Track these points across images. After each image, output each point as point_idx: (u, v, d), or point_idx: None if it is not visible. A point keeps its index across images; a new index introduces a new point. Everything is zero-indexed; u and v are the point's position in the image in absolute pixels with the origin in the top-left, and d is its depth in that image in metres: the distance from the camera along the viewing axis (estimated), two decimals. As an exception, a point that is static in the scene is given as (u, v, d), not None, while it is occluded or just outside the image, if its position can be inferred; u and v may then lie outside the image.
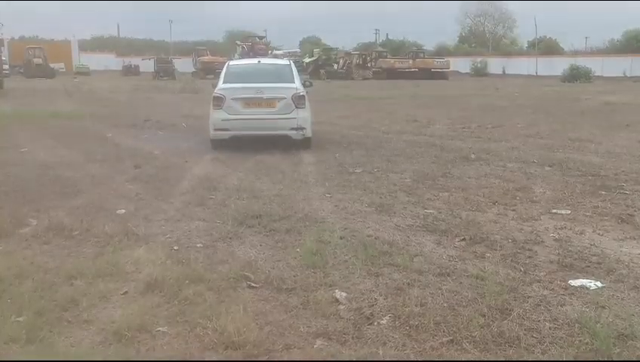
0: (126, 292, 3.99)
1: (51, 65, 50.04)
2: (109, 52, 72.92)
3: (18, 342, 3.25)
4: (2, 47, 29.76)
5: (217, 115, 9.84)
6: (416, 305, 3.71)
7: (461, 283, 4.11)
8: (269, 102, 9.91)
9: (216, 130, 9.90)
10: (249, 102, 9.85)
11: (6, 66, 37.09)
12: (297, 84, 10.27)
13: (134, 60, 61.63)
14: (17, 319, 3.52)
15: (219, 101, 9.82)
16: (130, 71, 56.74)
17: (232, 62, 11.72)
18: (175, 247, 4.93)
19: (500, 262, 4.56)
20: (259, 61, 12.39)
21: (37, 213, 5.97)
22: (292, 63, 11.44)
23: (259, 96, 9.88)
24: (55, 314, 3.62)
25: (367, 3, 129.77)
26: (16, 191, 6.98)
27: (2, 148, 10.37)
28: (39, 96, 24.14)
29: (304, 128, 9.89)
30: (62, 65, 57.19)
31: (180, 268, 4.36)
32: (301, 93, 9.99)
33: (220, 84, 10.15)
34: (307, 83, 11.38)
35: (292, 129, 9.85)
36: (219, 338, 3.29)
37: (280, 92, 9.94)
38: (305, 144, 10.14)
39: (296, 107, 9.83)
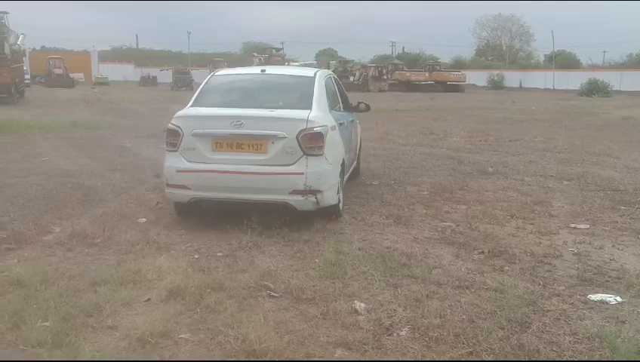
0: (149, 299, 4.06)
1: (71, 75, 50.75)
2: (128, 63, 73.82)
3: (45, 346, 3.32)
4: (24, 58, 30.28)
5: (171, 162, 5.86)
6: (435, 317, 3.73)
7: (480, 295, 4.13)
8: (255, 143, 5.64)
9: (169, 186, 5.94)
10: (221, 140, 5.68)
11: (27, 76, 37.69)
12: (317, 111, 5.90)
13: (152, 71, 62.31)
14: (44, 324, 3.60)
15: (173, 138, 5.80)
16: (148, 81, 57.33)
17: (218, 73, 7.13)
18: (196, 256, 5.00)
19: (519, 275, 4.57)
20: (263, 70, 6.94)
21: (60, 221, 6.08)
22: (323, 77, 6.80)
23: (236, 131, 5.60)
24: (80, 319, 3.70)
25: (384, 16, 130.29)
26: (39, 199, 7.10)
27: (25, 157, 10.56)
28: (59, 106, 24.53)
29: (319, 191, 5.65)
30: (81, 75, 58.01)
31: (201, 277, 4.42)
32: (317, 130, 5.63)
33: (185, 108, 6.16)
34: (362, 105, 8.06)
35: (295, 193, 5.60)
36: (240, 346, 3.35)
37: (275, 125, 5.62)
38: (327, 215, 6.00)
39: (306, 154, 5.56)
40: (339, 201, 6.14)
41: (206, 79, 6.80)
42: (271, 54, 53.46)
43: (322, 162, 5.70)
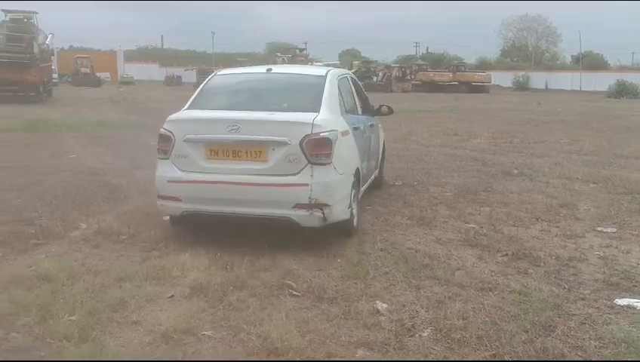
0: (172, 295, 4.11)
1: (98, 74, 51.58)
2: (153, 62, 74.69)
3: (71, 340, 3.38)
4: (52, 57, 30.89)
5: (162, 171, 5.33)
6: (458, 319, 3.71)
7: (503, 298, 4.09)
8: (254, 150, 5.05)
9: (160, 197, 5.40)
10: (216, 147, 5.13)
11: (55, 75, 38.40)
12: (325, 114, 5.25)
13: (177, 71, 62.98)
14: (70, 318, 3.67)
15: (165, 144, 5.29)
16: (173, 81, 57.99)
17: (221, 72, 6.52)
18: (218, 254, 5.04)
19: (544, 278, 4.51)
20: (269, 70, 6.30)
21: (86, 218, 6.18)
22: (336, 77, 6.10)
23: (232, 137, 5.04)
24: (105, 314, 3.76)
25: (409, 16, 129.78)
26: (66, 196, 7.22)
27: (53, 155, 10.75)
28: (86, 105, 24.93)
29: (326, 205, 5.00)
30: (108, 74, 58.89)
31: (223, 274, 4.46)
32: (324, 135, 4.99)
33: (179, 111, 5.63)
34: (384, 108, 7.48)
35: (298, 207, 4.96)
36: (262, 344, 3.37)
37: (276, 130, 5.02)
38: (338, 232, 5.41)
39: (311, 162, 4.94)
40: (352, 216, 5.46)
41: (207, 79, 6.21)
42: (294, 54, 53.62)
43: (330, 172, 5.03)
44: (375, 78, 52.95)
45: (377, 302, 4.00)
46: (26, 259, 4.90)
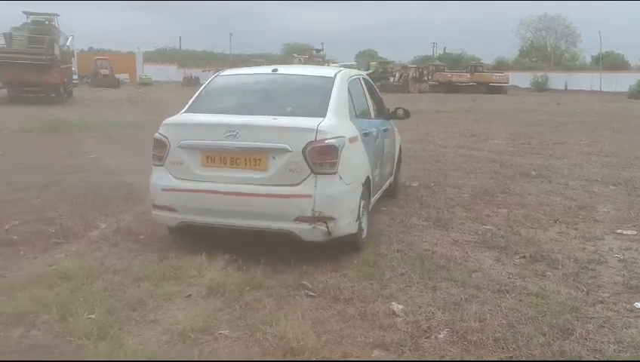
0: (189, 295, 4.14)
1: (117, 75, 52.11)
2: (171, 63, 75.25)
3: (90, 338, 3.43)
4: (73, 58, 31.30)
5: (156, 179, 5.09)
6: (474, 321, 3.70)
7: (521, 300, 4.07)
8: (253, 158, 4.73)
9: (155, 206, 5.15)
10: (213, 154, 4.83)
11: (75, 76, 38.86)
12: (332, 119, 4.89)
13: (194, 72, 63.37)
14: (89, 316, 3.71)
15: (159, 149, 5.04)
16: (191, 82, 58.20)
17: (224, 73, 6.18)
18: (234, 255, 5.05)
19: (562, 281, 4.48)
20: (274, 70, 5.82)
21: (105, 217, 6.26)
22: (346, 78, 5.66)
23: (230, 143, 4.72)
24: (124, 313, 3.80)
25: (426, 17, 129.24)
26: (86, 195, 7.31)
27: (72, 155, 10.90)
28: (105, 106, 25.17)
29: (331, 219, 4.64)
30: (127, 76, 59.42)
31: (240, 275, 4.48)
32: (329, 142, 4.64)
33: (176, 114, 5.34)
34: (400, 112, 7.00)
35: (300, 220, 4.62)
36: (278, 344, 3.39)
37: (277, 136, 4.69)
38: (343, 246, 5.00)
39: (314, 172, 4.60)
40: (360, 230, 5.08)
41: (208, 80, 5.90)
42: (311, 55, 53.74)
43: (336, 182, 4.66)
44: (392, 79, 52.84)
45: (393, 303, 4.00)
46: (47, 257, 4.97)
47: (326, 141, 4.64)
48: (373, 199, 5.86)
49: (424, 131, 15.27)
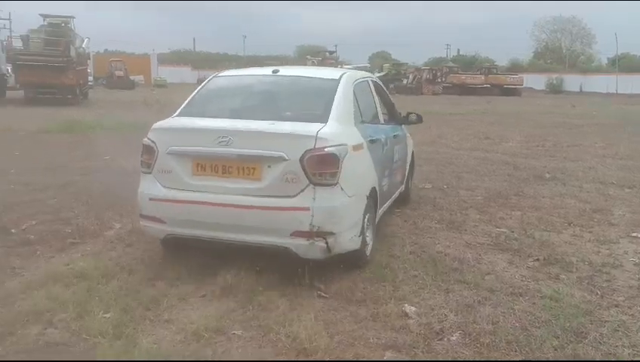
0: (204, 295, 4.18)
1: (131, 77, 52.52)
2: (185, 65, 75.69)
3: (106, 337, 3.47)
4: (88, 60, 31.64)
5: (144, 188, 4.74)
6: (487, 323, 3.69)
7: (534, 303, 4.05)
8: (246, 167, 4.36)
9: (142, 217, 4.79)
10: (203, 162, 4.47)
11: (90, 78, 39.25)
12: (334, 125, 4.50)
13: (209, 73, 63.61)
14: (105, 315, 3.76)
15: (148, 156, 4.68)
16: (205, 84, 58.58)
17: (222, 74, 5.83)
18: (246, 255, 5.09)
19: (576, 284, 4.45)
20: (275, 71, 5.40)
21: (120, 218, 6.32)
22: (352, 81, 5.29)
23: (222, 150, 4.35)
24: (139, 312, 3.85)
25: (439, 19, 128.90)
26: (101, 196, 7.39)
27: (88, 156, 11.01)
28: (120, 107, 25.39)
29: (331, 234, 4.25)
30: (141, 77, 59.83)
31: (252, 275, 4.50)
32: (329, 150, 4.24)
33: (167, 118, 4.95)
34: (412, 116, 6.70)
35: (297, 235, 4.23)
36: (291, 344, 3.41)
37: (272, 144, 4.29)
38: (345, 262, 4.63)
39: (313, 182, 4.21)
40: (364, 245, 4.69)
41: (205, 81, 5.57)
42: (324, 57, 53.78)
43: (336, 194, 4.25)
44: (405, 81, 52.76)
45: (406, 304, 4.00)
46: (63, 257, 5.04)
47: (326, 149, 4.23)
48: (381, 211, 5.50)
49: (437, 133, 15.23)
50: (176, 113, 5.02)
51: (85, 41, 30.09)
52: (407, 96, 42.87)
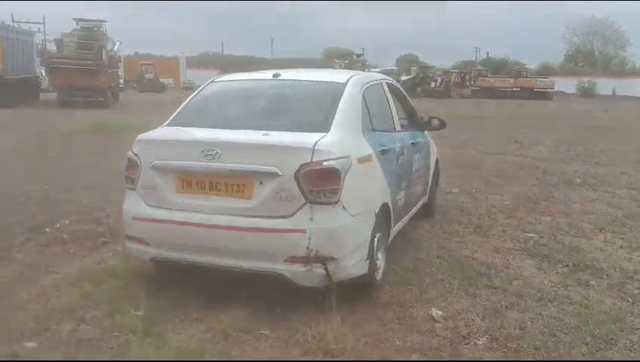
0: (232, 295, 4.22)
1: (161, 80, 53.29)
2: (214, 68, 76.42)
3: (137, 334, 3.55)
4: (119, 63, 32.30)
5: (127, 205, 4.37)
6: (514, 328, 3.67)
7: (563, 309, 4.01)
8: (236, 183, 3.93)
9: (128, 238, 4.41)
10: (189, 177, 4.06)
11: (121, 81, 39.96)
12: (335, 135, 4.04)
13: (237, 76, 64.11)
14: (136, 313, 3.84)
15: (131, 171, 4.30)
16: (233, 87, 59.04)
17: (219, 79, 5.36)
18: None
19: (606, 291, 4.39)
20: (275, 75, 4.92)
21: (150, 218, 6.43)
22: (361, 84, 4.76)
23: (208, 165, 3.94)
24: (168, 311, 3.91)
25: (468, 21, 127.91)
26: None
27: (119, 156, 11.13)
28: (150, 109, 25.62)
29: (331, 259, 3.81)
30: (170, 80, 60.64)
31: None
32: (328, 164, 3.79)
33: (156, 128, 4.61)
34: (435, 122, 6.22)
35: (292, 260, 3.79)
36: (318, 345, 3.44)
37: (264, 157, 3.86)
38: (352, 288, 4.08)
39: (309, 201, 3.76)
40: (374, 268, 4.21)
41: (201, 87, 5.15)
42: (352, 60, 53.63)
43: (337, 213, 3.79)
44: (433, 84, 52.44)
45: (432, 308, 4.00)
46: (95, 256, 5.17)
47: (325, 163, 3.77)
48: (396, 228, 4.99)
49: (465, 137, 15.11)
50: (166, 122, 4.63)
51: (117, 44, 30.70)
52: (435, 99, 42.61)
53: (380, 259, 4.39)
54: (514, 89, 50.79)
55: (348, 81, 4.65)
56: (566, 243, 5.60)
